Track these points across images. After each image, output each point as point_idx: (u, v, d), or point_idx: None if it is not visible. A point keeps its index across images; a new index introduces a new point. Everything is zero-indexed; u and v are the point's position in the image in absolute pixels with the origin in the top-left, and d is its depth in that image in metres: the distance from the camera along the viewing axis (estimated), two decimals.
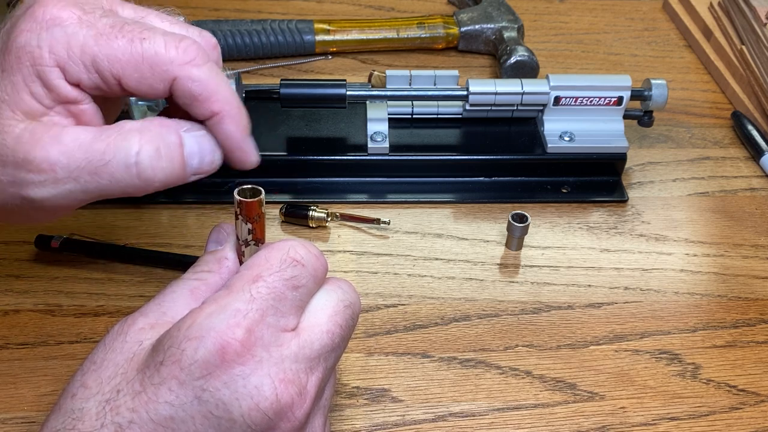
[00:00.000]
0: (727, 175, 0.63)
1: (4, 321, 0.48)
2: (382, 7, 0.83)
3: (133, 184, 0.33)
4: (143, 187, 0.34)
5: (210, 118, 0.34)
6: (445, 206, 0.59)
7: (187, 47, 0.34)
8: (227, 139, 0.35)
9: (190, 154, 0.34)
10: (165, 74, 0.33)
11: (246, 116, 0.36)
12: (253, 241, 0.36)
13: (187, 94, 0.34)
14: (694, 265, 0.54)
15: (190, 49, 0.34)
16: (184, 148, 0.34)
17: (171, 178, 0.34)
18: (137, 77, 0.33)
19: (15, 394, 0.44)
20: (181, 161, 0.34)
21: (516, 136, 0.61)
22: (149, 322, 0.34)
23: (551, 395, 0.46)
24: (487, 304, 0.51)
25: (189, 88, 0.33)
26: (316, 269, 0.35)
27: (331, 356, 0.35)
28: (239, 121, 0.35)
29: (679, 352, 0.48)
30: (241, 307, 0.32)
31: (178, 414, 0.31)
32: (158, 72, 0.33)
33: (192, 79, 0.33)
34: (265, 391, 0.31)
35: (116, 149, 0.33)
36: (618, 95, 0.59)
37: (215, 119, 0.34)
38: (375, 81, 0.62)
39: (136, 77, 0.33)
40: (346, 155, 0.59)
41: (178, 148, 0.34)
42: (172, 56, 0.33)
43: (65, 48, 0.32)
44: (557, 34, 0.80)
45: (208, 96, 0.34)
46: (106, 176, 0.33)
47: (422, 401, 0.45)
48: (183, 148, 0.34)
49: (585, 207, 0.59)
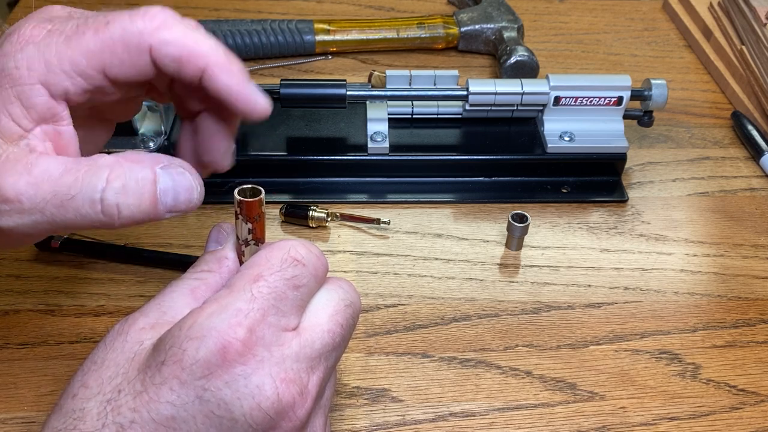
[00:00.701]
0: (727, 175, 0.63)
1: (4, 321, 0.48)
2: (382, 7, 0.83)
3: (99, 220, 0.32)
4: (108, 222, 0.32)
5: (202, 77, 0.33)
6: (445, 206, 0.59)
7: (153, 15, 0.33)
8: (228, 91, 0.34)
9: (163, 191, 0.33)
10: (140, 47, 0.32)
11: (239, 63, 0.34)
12: (253, 241, 0.36)
13: (169, 59, 0.33)
14: (694, 265, 0.55)
15: (157, 16, 0.33)
16: (157, 184, 0.33)
17: (139, 215, 0.33)
18: (117, 62, 0.32)
19: (15, 394, 0.44)
20: (152, 198, 0.33)
21: (516, 136, 0.61)
22: (150, 321, 0.34)
23: (551, 395, 0.46)
24: (487, 304, 0.51)
25: (167, 52, 0.32)
26: (316, 269, 0.35)
27: (332, 355, 0.35)
28: (231, 69, 0.33)
29: (679, 352, 0.48)
30: (243, 306, 0.32)
31: (180, 414, 0.31)
32: (133, 48, 0.32)
33: (166, 42, 0.32)
34: (266, 390, 0.31)
35: (83, 184, 0.32)
36: (618, 95, 0.59)
37: (206, 76, 0.33)
38: (375, 81, 0.62)
39: (116, 62, 0.32)
40: (346, 155, 0.59)
41: (150, 185, 0.33)
42: (140, 27, 0.32)
43: (42, 62, 0.32)
44: (557, 34, 0.80)
45: (188, 54, 0.33)
46: (72, 210, 0.32)
47: (422, 401, 0.45)
48: (156, 185, 0.33)
49: (585, 207, 0.59)
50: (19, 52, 0.32)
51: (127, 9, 0.34)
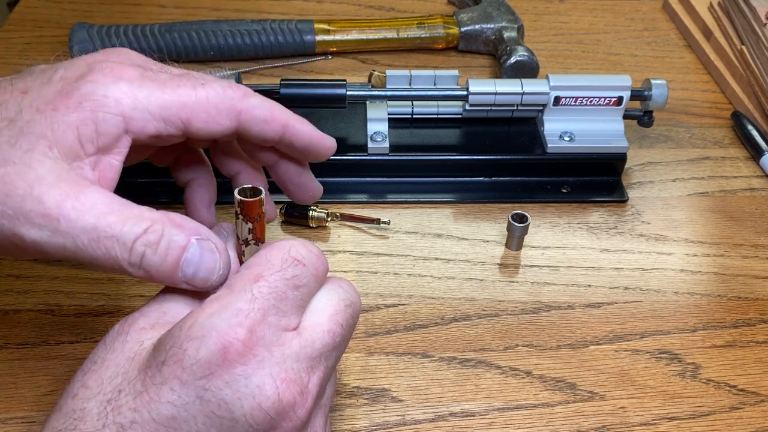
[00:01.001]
0: (727, 175, 0.63)
1: (4, 321, 0.48)
2: (382, 7, 0.83)
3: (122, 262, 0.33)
4: (130, 271, 0.33)
5: (283, 132, 0.38)
6: (445, 206, 0.59)
7: (239, 86, 0.38)
8: (308, 138, 0.40)
9: (187, 262, 0.34)
10: (230, 110, 0.37)
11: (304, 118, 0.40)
12: (253, 241, 0.36)
13: (257, 120, 0.37)
14: (694, 265, 0.55)
15: (242, 87, 0.38)
16: (185, 252, 0.34)
17: (156, 274, 0.33)
18: (204, 117, 0.36)
19: (15, 394, 0.44)
20: (174, 264, 0.33)
21: (516, 136, 0.61)
22: (150, 321, 0.34)
23: (551, 395, 0.46)
24: (487, 304, 0.51)
25: (256, 115, 0.37)
26: (317, 269, 0.35)
27: (333, 355, 0.35)
28: (304, 122, 0.40)
29: (679, 352, 0.48)
30: (243, 306, 0.32)
31: (180, 414, 0.31)
32: (224, 109, 0.36)
33: (255, 106, 0.37)
34: (267, 390, 0.31)
35: (123, 227, 0.33)
36: (618, 95, 0.59)
37: (288, 130, 0.39)
38: (375, 81, 0.62)
39: (204, 117, 0.36)
40: (346, 155, 0.59)
41: (178, 250, 0.33)
42: (231, 94, 0.37)
43: (132, 99, 0.34)
44: (557, 34, 0.80)
45: (273, 115, 0.38)
46: (103, 248, 0.32)
47: (422, 401, 0.45)
48: (184, 253, 0.34)
49: (585, 207, 0.59)
50: (112, 84, 0.34)
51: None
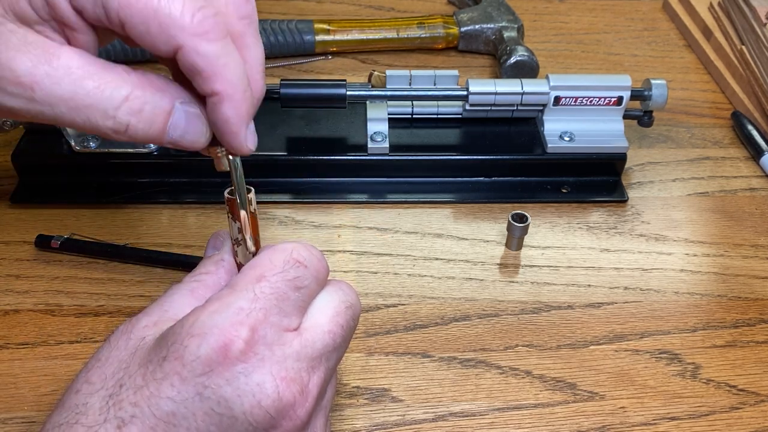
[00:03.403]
0: (727, 175, 0.63)
1: (4, 321, 0.48)
2: (382, 7, 0.83)
3: (104, 130, 0.32)
4: (112, 135, 0.32)
5: (210, 96, 0.32)
6: (445, 206, 0.59)
7: (204, 18, 0.30)
8: (223, 122, 0.33)
9: (174, 125, 0.32)
10: (171, 39, 0.30)
11: (251, 102, 0.33)
12: (243, 241, 0.36)
13: (190, 66, 0.31)
14: (694, 265, 0.55)
15: (207, 21, 0.31)
16: (171, 116, 0.32)
17: (143, 138, 0.32)
18: (142, 30, 0.30)
19: (15, 394, 0.44)
20: (161, 128, 0.32)
21: (516, 136, 0.61)
22: (152, 320, 0.35)
23: (551, 395, 0.46)
24: (487, 304, 0.51)
25: (193, 60, 0.31)
26: (318, 271, 0.36)
27: (333, 356, 0.35)
28: (240, 106, 0.32)
29: (679, 352, 0.48)
30: (245, 305, 0.32)
31: (180, 410, 0.31)
32: (165, 34, 0.30)
33: (198, 52, 0.31)
34: (267, 388, 0.31)
35: (103, 95, 0.31)
36: (618, 95, 0.59)
37: (215, 99, 0.32)
38: (375, 81, 0.62)
39: (142, 30, 0.30)
40: (346, 155, 0.59)
41: (164, 116, 0.32)
42: (185, 23, 0.30)
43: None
44: (557, 34, 0.80)
45: (211, 74, 0.31)
46: (83, 115, 0.31)
47: (422, 401, 0.45)
48: (170, 117, 0.32)
49: (585, 207, 0.59)
50: None
51: None
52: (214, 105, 0.32)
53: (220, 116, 0.32)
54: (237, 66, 0.32)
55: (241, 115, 0.33)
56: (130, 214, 0.56)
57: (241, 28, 0.33)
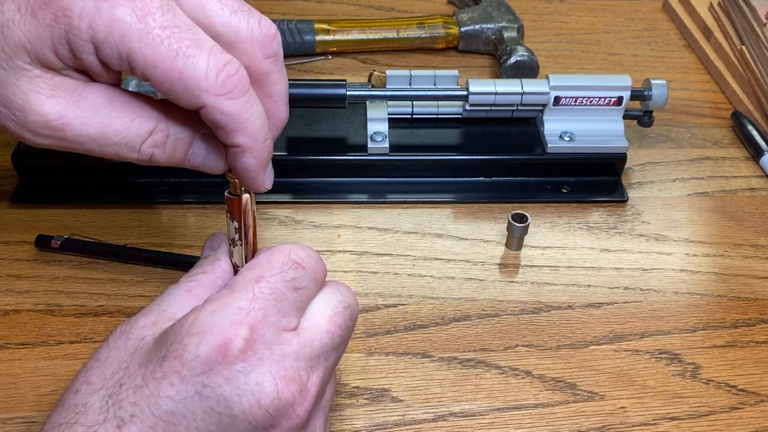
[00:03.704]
0: (727, 175, 0.63)
1: (4, 321, 0.48)
2: (382, 7, 0.83)
3: (129, 160, 0.34)
4: (136, 162, 0.34)
5: (231, 147, 0.33)
6: (445, 206, 0.59)
7: (228, 77, 0.31)
8: (243, 169, 0.34)
9: (194, 155, 0.35)
10: (195, 99, 0.31)
11: (269, 150, 0.35)
12: (240, 241, 0.37)
13: (213, 122, 0.32)
14: (694, 265, 0.55)
15: (230, 80, 0.31)
16: (192, 147, 0.34)
17: (165, 164, 0.34)
18: (167, 88, 0.31)
19: (15, 394, 0.44)
20: (183, 157, 0.35)
21: (516, 136, 0.61)
22: (151, 320, 0.35)
23: (551, 395, 0.46)
24: (487, 304, 0.51)
25: (216, 118, 0.31)
26: (316, 272, 0.36)
27: (332, 356, 0.35)
28: (260, 156, 0.34)
29: (679, 352, 0.48)
30: (244, 305, 0.33)
31: (179, 409, 0.31)
32: (190, 94, 0.31)
33: (221, 111, 0.31)
34: (266, 387, 0.31)
35: (129, 131, 0.32)
36: (618, 95, 0.59)
37: (236, 150, 0.33)
38: (375, 81, 0.62)
39: (166, 88, 0.31)
40: (346, 155, 0.59)
41: (186, 147, 0.34)
42: (209, 85, 0.31)
43: (106, 29, 0.30)
44: (557, 34, 0.80)
45: (233, 129, 0.32)
46: (111, 151, 0.33)
47: (422, 401, 0.45)
48: (191, 147, 0.34)
49: (585, 207, 0.59)
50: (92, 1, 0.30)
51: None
52: (235, 154, 0.34)
53: (239, 164, 0.34)
54: (258, 119, 0.33)
55: (261, 163, 0.34)
56: (130, 214, 0.56)
57: (267, 67, 0.34)
